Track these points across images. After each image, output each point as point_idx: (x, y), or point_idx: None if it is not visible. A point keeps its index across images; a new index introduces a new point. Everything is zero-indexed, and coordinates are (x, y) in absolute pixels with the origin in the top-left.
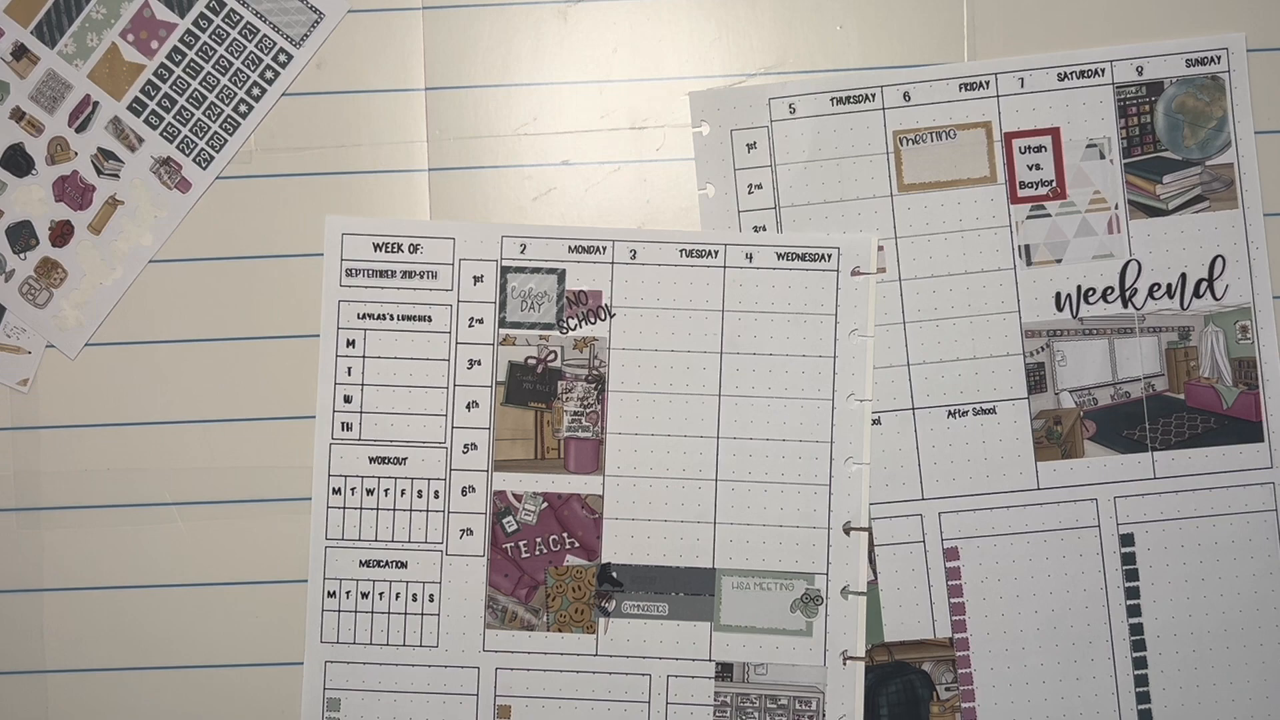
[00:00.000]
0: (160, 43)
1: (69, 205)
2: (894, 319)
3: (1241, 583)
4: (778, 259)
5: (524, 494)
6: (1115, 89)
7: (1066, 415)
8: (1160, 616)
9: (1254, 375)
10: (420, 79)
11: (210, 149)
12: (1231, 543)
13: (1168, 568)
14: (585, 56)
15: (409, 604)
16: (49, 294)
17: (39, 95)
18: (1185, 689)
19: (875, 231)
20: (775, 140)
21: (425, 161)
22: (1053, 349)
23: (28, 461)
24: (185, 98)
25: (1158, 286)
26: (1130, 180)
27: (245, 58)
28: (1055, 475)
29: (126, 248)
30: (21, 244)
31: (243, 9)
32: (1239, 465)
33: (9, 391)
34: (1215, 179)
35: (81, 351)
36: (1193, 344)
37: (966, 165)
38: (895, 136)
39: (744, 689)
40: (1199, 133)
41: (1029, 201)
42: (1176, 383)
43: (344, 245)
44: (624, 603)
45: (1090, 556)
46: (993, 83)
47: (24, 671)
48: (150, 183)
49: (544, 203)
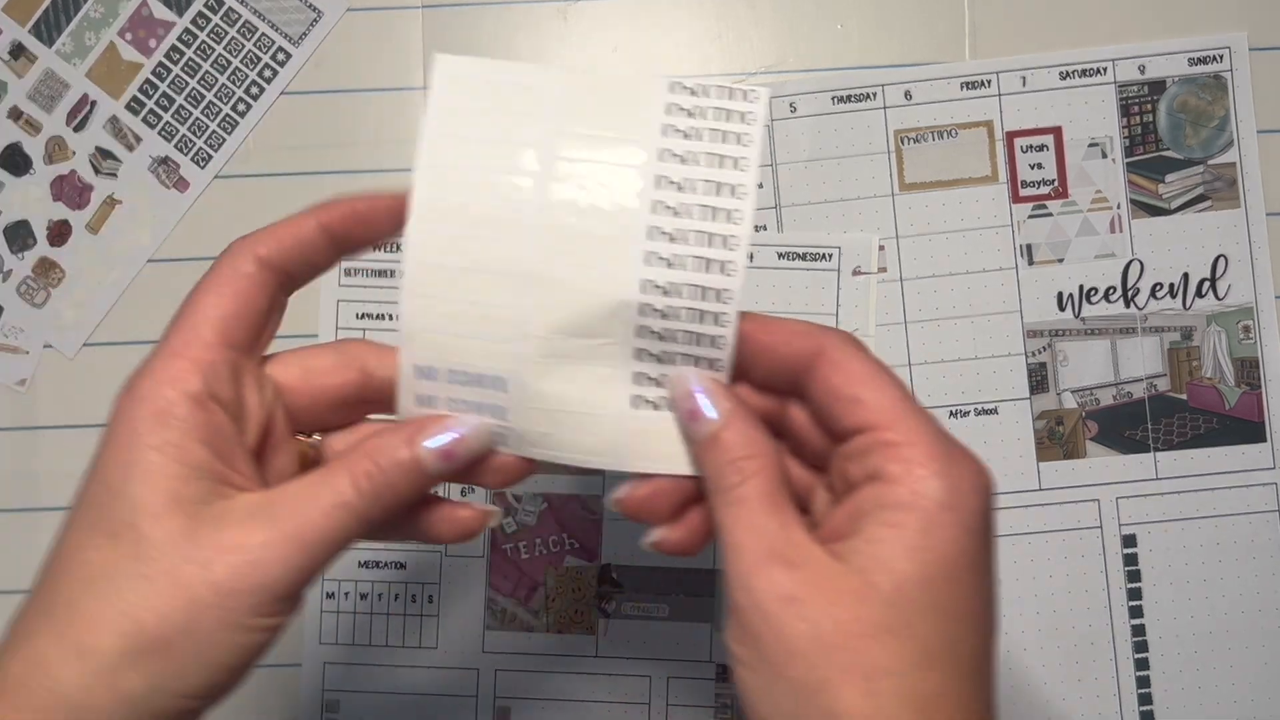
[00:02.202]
0: (158, 41)
1: (67, 204)
2: (895, 319)
3: (1244, 584)
4: (778, 258)
5: (523, 494)
6: (1117, 88)
7: (1068, 415)
8: (1162, 617)
9: (1256, 375)
10: (419, 78)
11: (208, 148)
12: (1234, 543)
13: (1170, 568)
14: (585, 56)
15: (408, 605)
16: (47, 294)
17: (37, 94)
18: (1187, 690)
19: (876, 231)
20: (776, 139)
21: None
22: (1054, 349)
23: (26, 462)
24: (183, 97)
25: (1160, 286)
26: (1132, 179)
27: (244, 56)
28: (1057, 476)
29: (125, 247)
30: (19, 243)
31: (241, 7)
32: (1241, 466)
33: (7, 391)
34: (1217, 178)
35: (80, 351)
36: (1195, 344)
37: (968, 164)
38: (896, 135)
39: None
40: (1201, 132)
41: (1031, 201)
42: (1179, 383)
43: None
44: (624, 604)
45: (1092, 557)
46: (994, 82)
47: None
48: (148, 182)
49: None
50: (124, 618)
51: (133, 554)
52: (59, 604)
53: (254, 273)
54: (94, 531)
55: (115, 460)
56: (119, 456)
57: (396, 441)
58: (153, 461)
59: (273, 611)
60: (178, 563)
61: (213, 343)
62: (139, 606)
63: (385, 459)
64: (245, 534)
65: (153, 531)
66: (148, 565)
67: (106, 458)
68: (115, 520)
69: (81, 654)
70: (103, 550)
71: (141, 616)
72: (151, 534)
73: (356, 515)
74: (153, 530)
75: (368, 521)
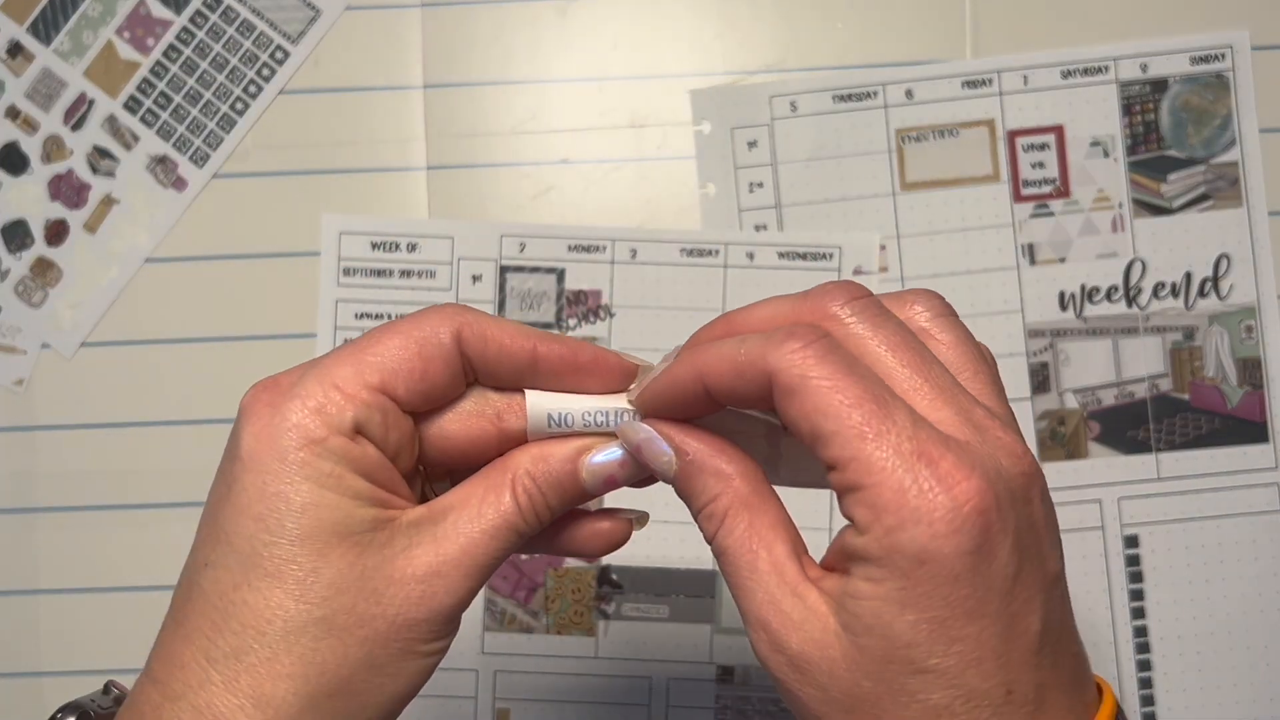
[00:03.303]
0: (156, 40)
1: (64, 204)
2: None
3: (1246, 584)
4: (779, 258)
5: None
6: (1119, 87)
7: (1070, 416)
8: (1165, 618)
9: (1259, 375)
10: (418, 76)
11: (207, 147)
12: (1236, 544)
13: (1172, 569)
14: (585, 53)
15: None
16: (44, 293)
17: (34, 93)
18: (1190, 691)
19: (877, 230)
20: (776, 138)
21: (423, 159)
22: (1056, 349)
23: (23, 462)
24: (181, 95)
25: (1162, 286)
26: (1134, 179)
27: (242, 55)
28: (1059, 476)
29: (122, 247)
30: (16, 243)
31: (239, 6)
32: (1244, 466)
33: (4, 391)
34: (1220, 177)
35: (77, 351)
36: (1197, 344)
37: (969, 164)
38: (897, 134)
39: (745, 692)
40: (1203, 131)
41: (1032, 200)
42: (1181, 383)
43: (341, 244)
44: (624, 605)
45: (1095, 558)
46: (996, 80)
47: (20, 674)
48: (146, 181)
49: (543, 201)
50: (303, 663)
51: (300, 594)
52: (223, 650)
53: (448, 346)
54: (250, 570)
55: (263, 490)
56: (267, 486)
57: (561, 457)
58: (310, 492)
59: (445, 634)
60: (353, 600)
61: (375, 388)
62: (318, 651)
63: (548, 476)
64: (414, 562)
65: (321, 569)
66: (321, 607)
67: (249, 485)
68: (275, 558)
69: (260, 704)
70: (264, 592)
71: (322, 661)
72: (321, 572)
73: (520, 534)
74: (321, 567)
75: (527, 538)
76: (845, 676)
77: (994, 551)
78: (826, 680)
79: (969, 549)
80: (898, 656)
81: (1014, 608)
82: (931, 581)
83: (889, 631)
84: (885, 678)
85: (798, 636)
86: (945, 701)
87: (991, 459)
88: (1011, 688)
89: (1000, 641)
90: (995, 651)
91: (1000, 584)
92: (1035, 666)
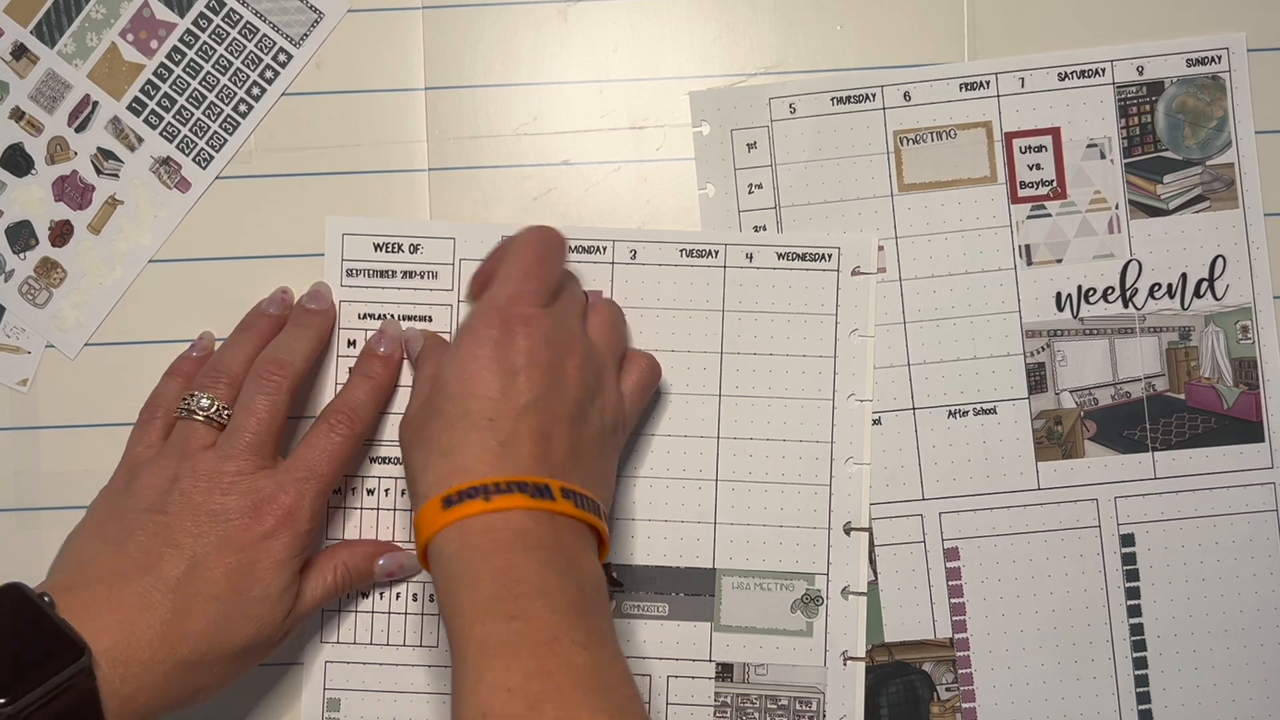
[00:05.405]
0: (160, 42)
1: (68, 205)
2: (894, 319)
3: (1242, 583)
4: (778, 259)
5: None
6: (1116, 89)
7: (1067, 415)
8: (1161, 617)
9: (1255, 375)
10: (420, 79)
11: (210, 149)
12: (1232, 543)
13: (1168, 568)
14: (585, 56)
15: (409, 604)
16: (49, 294)
17: (38, 95)
18: (1186, 689)
19: (876, 231)
20: (775, 140)
21: (425, 161)
22: (1053, 349)
23: (27, 462)
24: (185, 97)
25: (1158, 286)
26: (1131, 180)
27: (245, 57)
28: (1056, 475)
29: (126, 248)
30: (21, 244)
31: (242, 8)
32: (1240, 465)
33: (8, 391)
34: (1216, 179)
35: (81, 351)
36: (1193, 344)
37: (967, 165)
38: (895, 136)
39: (744, 689)
40: (1199, 132)
41: (1029, 201)
42: (1177, 383)
43: (344, 245)
44: (624, 603)
45: (1091, 557)
46: (993, 82)
47: None
48: (150, 182)
49: (544, 203)
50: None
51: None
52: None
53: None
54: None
55: (250, 550)
56: (251, 552)
57: (360, 556)
58: (278, 551)
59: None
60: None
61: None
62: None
63: (353, 566)
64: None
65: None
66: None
67: (242, 545)
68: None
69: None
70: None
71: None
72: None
73: (332, 594)
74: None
75: (340, 594)
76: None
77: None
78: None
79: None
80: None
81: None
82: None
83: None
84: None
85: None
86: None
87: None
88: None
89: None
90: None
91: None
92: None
